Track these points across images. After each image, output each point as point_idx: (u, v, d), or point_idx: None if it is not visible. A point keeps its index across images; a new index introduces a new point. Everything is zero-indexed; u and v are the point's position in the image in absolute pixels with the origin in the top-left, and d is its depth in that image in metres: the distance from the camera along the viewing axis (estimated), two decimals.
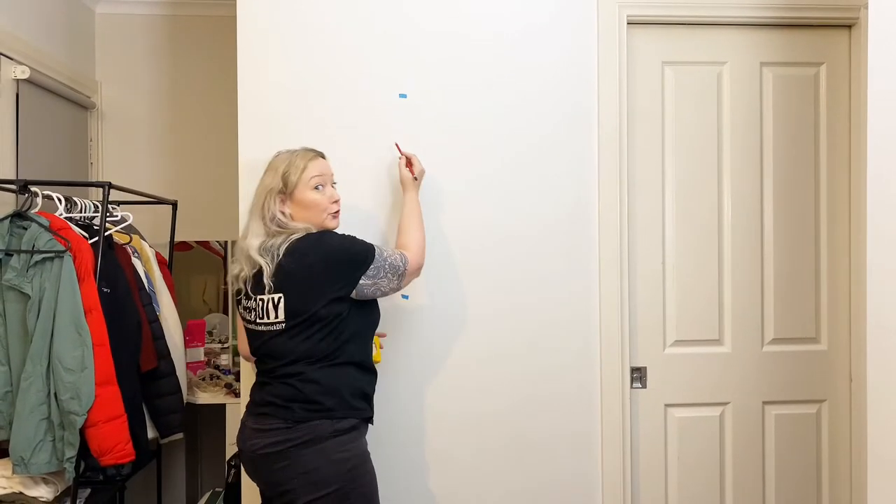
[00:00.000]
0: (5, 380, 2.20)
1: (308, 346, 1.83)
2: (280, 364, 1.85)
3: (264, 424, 1.83)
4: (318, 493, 1.78)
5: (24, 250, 2.19)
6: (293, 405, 1.81)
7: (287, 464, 1.79)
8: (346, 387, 1.86)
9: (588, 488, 2.37)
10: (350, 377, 1.88)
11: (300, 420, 1.80)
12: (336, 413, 1.83)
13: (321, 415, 1.81)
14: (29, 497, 2.20)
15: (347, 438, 1.83)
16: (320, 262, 1.83)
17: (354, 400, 1.87)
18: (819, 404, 2.50)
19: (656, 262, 2.44)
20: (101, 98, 3.36)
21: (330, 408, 1.82)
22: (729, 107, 2.45)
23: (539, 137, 2.35)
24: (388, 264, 1.90)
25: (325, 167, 1.96)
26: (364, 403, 1.91)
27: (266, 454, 1.81)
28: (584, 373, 2.36)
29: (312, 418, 1.81)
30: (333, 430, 1.81)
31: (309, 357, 1.83)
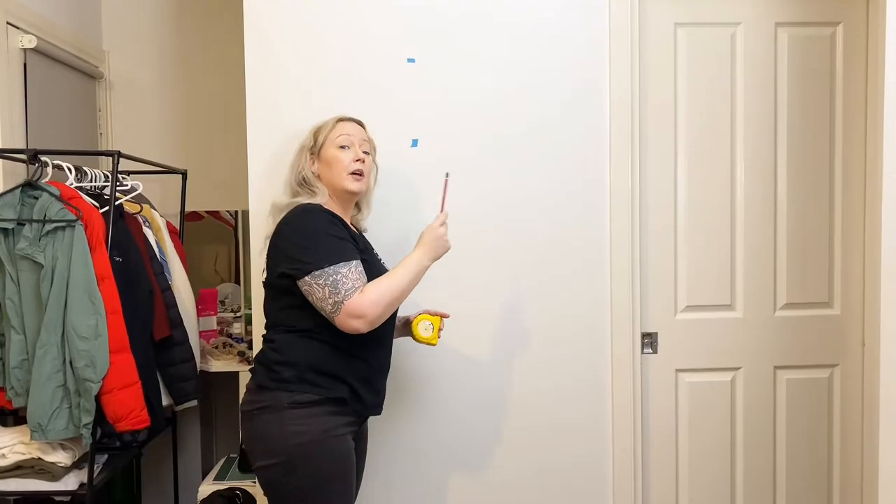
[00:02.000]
0: (21, 348, 2.22)
1: (275, 313, 1.87)
2: (265, 326, 1.92)
3: (249, 383, 1.89)
4: (267, 461, 1.78)
5: (36, 220, 2.20)
6: (259, 368, 1.86)
7: (249, 426, 1.82)
8: (309, 361, 1.80)
9: (599, 453, 2.38)
10: (317, 353, 1.81)
11: (262, 386, 1.82)
12: (292, 385, 1.79)
13: (278, 385, 1.79)
14: (47, 462, 2.24)
15: (306, 413, 1.77)
16: (281, 233, 1.83)
17: (318, 377, 1.80)
18: (831, 369, 2.49)
19: (668, 227, 2.42)
20: (109, 68, 3.34)
21: (286, 379, 1.79)
22: (743, 69, 2.40)
23: (550, 104, 2.33)
24: (333, 279, 1.73)
25: (357, 130, 1.97)
26: (332, 382, 1.81)
27: (242, 412, 1.86)
28: (594, 339, 2.37)
29: (272, 387, 1.80)
30: (291, 402, 1.77)
31: (277, 325, 1.87)
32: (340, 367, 1.83)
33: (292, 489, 1.77)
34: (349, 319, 1.74)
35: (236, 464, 2.84)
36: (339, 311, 1.73)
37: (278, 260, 1.82)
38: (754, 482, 2.48)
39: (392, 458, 2.34)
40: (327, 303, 1.74)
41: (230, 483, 2.70)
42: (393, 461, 2.34)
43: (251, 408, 1.82)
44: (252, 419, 1.81)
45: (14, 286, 2.22)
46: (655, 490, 2.46)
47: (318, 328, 1.81)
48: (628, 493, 2.39)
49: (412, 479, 2.36)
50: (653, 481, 2.45)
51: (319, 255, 1.75)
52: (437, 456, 2.36)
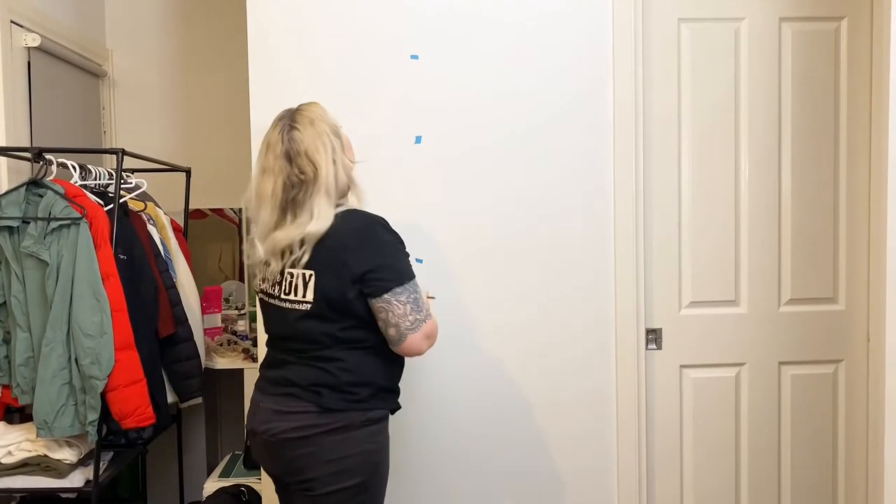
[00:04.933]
0: (27, 345, 2.23)
1: (336, 332, 1.72)
2: (314, 347, 1.73)
3: (289, 406, 1.72)
4: (342, 484, 1.70)
5: (41, 217, 2.20)
6: (325, 391, 1.71)
7: (313, 450, 1.69)
8: (380, 378, 1.77)
9: (603, 449, 2.38)
10: (385, 368, 1.78)
11: (330, 409, 1.70)
12: (367, 404, 1.74)
13: (353, 405, 1.72)
14: (53, 459, 2.25)
15: (376, 429, 1.75)
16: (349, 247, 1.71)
17: (387, 393, 1.80)
18: (836, 364, 2.49)
19: (672, 223, 2.42)
20: (113, 66, 3.34)
21: (363, 398, 1.73)
22: (747, 64, 2.40)
23: (554, 101, 2.32)
24: (415, 296, 1.72)
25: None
26: (393, 396, 1.83)
27: (289, 439, 1.70)
28: (599, 335, 2.36)
29: (344, 408, 1.71)
30: (365, 420, 1.73)
31: (339, 343, 1.72)
32: (397, 379, 1.83)
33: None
34: (423, 340, 1.73)
35: (241, 461, 2.84)
36: (419, 330, 1.71)
37: (345, 277, 1.68)
38: (759, 477, 2.48)
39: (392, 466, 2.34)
40: (407, 320, 1.69)
41: (235, 480, 2.71)
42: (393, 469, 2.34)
43: (314, 431, 1.68)
44: (317, 443, 1.69)
45: (19, 284, 2.22)
46: (660, 486, 2.45)
47: (383, 343, 1.75)
48: (633, 489, 2.39)
49: (411, 487, 2.36)
50: (657, 477, 2.45)
51: (400, 272, 1.70)
52: (439, 458, 2.36)
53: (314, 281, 1.70)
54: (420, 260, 2.29)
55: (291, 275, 1.73)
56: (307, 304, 1.71)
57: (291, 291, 1.73)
